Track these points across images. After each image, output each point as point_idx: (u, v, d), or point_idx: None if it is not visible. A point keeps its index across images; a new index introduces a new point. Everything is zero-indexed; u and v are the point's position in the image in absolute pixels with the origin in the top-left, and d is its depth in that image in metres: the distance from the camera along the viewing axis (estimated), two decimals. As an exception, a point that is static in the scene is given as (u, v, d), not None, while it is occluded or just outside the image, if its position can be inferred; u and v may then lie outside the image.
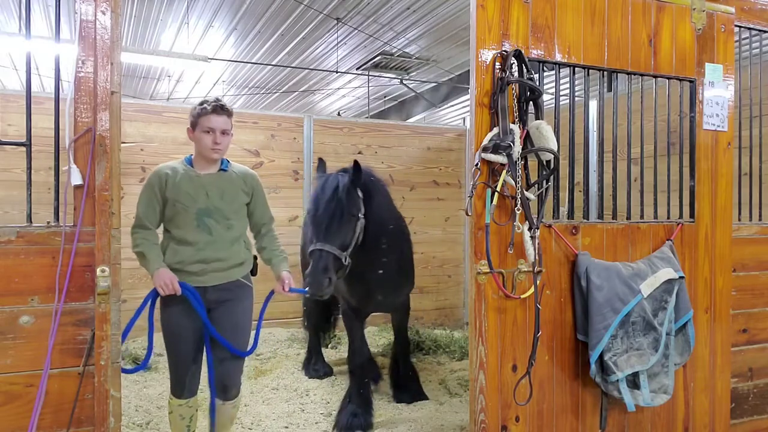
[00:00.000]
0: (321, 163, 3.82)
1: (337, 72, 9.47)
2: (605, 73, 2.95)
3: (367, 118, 11.68)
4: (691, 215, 3.12)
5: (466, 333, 6.23)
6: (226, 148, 2.87)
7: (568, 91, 3.00)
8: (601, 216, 3.42)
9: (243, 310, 2.97)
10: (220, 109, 2.82)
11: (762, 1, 3.36)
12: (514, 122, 2.61)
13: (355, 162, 3.45)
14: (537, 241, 2.60)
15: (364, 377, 3.99)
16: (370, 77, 10.17)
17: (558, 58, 2.79)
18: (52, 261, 2.13)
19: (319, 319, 5.27)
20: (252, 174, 3.06)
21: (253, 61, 9.36)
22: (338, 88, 11.30)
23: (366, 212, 3.48)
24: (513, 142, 2.51)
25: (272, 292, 3.06)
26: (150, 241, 2.82)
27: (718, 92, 3.16)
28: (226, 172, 2.95)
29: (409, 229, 4.45)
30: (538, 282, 2.61)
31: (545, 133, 2.58)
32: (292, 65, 9.42)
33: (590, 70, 2.91)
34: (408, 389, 4.41)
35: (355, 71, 9.85)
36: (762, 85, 3.81)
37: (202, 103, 2.85)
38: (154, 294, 2.79)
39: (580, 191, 3.21)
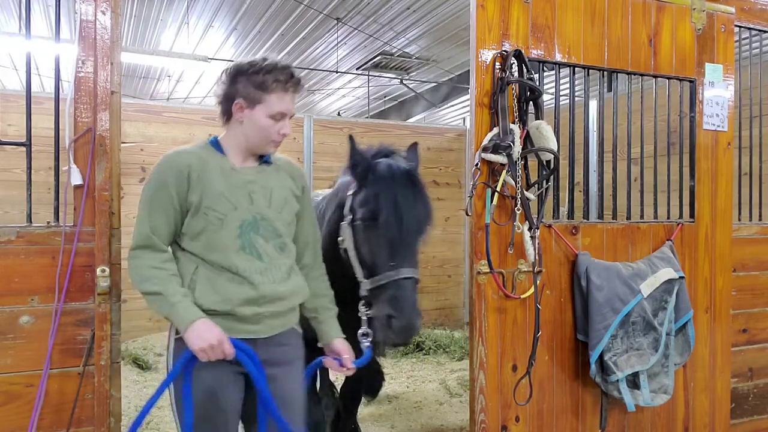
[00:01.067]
0: (353, 142, 2.34)
1: (337, 72, 9.47)
2: (605, 73, 2.95)
3: (367, 118, 11.68)
4: (691, 215, 3.12)
5: (466, 333, 6.23)
6: None
7: (568, 91, 3.00)
8: (601, 216, 3.42)
9: (300, 374, 2.07)
10: (300, 86, 1.98)
11: (762, 1, 3.36)
12: (514, 122, 2.61)
13: (415, 144, 2.52)
14: (537, 241, 2.60)
15: None
16: (370, 77, 10.16)
17: (558, 58, 2.79)
18: (52, 261, 2.13)
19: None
20: (299, 168, 2.17)
21: (253, 61, 9.35)
22: (338, 88, 11.30)
23: None
24: (513, 142, 2.51)
25: (318, 362, 2.14)
26: (168, 272, 1.85)
27: (718, 92, 3.16)
28: (270, 164, 2.04)
29: None
30: (538, 282, 2.61)
31: (545, 133, 2.58)
32: (292, 65, 9.41)
33: (590, 70, 2.91)
34: None
35: (355, 71, 9.84)
36: (762, 85, 3.81)
37: (271, 70, 1.89)
38: (190, 358, 1.80)
39: (580, 191, 3.21)
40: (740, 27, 3.29)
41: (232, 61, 9.20)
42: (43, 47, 6.18)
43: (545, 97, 2.74)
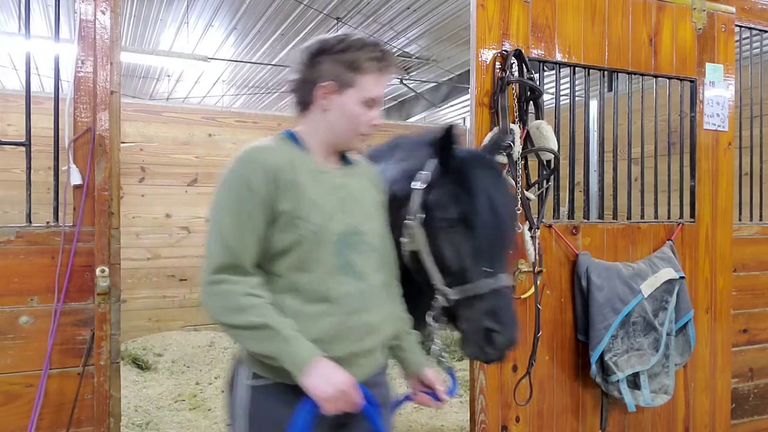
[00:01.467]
0: (453, 132, 1.88)
1: (337, 72, 9.45)
2: (606, 72, 2.95)
3: (367, 117, 11.66)
4: (692, 215, 3.12)
5: (466, 333, 6.23)
6: None
7: (568, 90, 3.00)
8: (601, 216, 3.41)
9: (391, 419, 1.75)
10: (393, 68, 1.68)
11: (762, 0, 3.36)
12: (514, 122, 2.60)
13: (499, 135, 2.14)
14: (537, 241, 2.60)
15: None
16: (370, 77, 10.15)
17: (558, 57, 2.79)
18: (52, 261, 2.12)
19: None
20: (377, 172, 1.87)
21: (253, 60, 9.35)
22: (338, 88, 11.29)
23: None
24: (513, 141, 2.51)
25: (406, 399, 1.83)
26: (265, 301, 1.48)
27: (719, 92, 3.16)
28: (353, 165, 1.73)
29: None
30: (538, 282, 2.61)
31: (545, 132, 2.58)
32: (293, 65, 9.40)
33: (590, 70, 2.90)
34: None
35: (355, 71, 9.83)
36: (762, 85, 3.81)
37: (362, 47, 1.58)
38: (312, 410, 1.43)
39: (580, 191, 3.21)
40: (741, 27, 3.29)
41: (232, 60, 9.15)
42: (43, 47, 6.18)
43: (545, 96, 2.73)
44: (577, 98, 3.03)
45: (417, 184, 1.85)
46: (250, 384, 1.54)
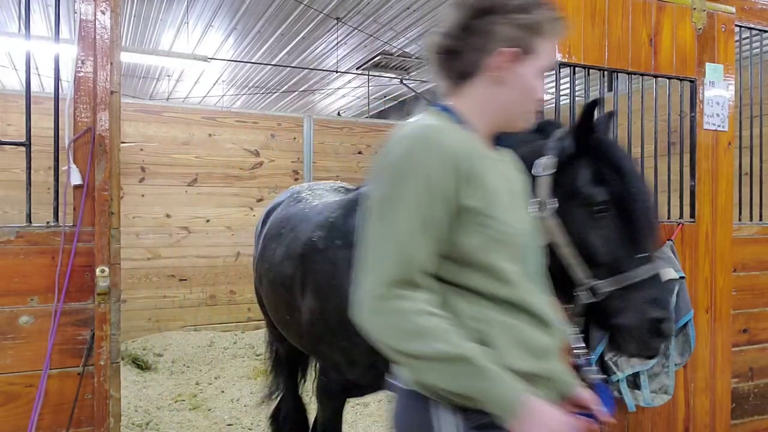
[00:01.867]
0: (596, 109, 1.77)
1: (337, 72, 9.47)
2: (605, 72, 2.95)
3: (367, 118, 11.68)
4: (692, 215, 3.12)
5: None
6: None
7: (568, 90, 3.00)
8: (601, 216, 3.41)
9: None
10: None
11: (762, 0, 3.36)
12: (514, 122, 2.60)
13: (611, 114, 2.03)
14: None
15: None
16: (370, 77, 10.16)
17: (558, 57, 2.79)
18: (52, 261, 2.12)
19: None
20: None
21: (253, 61, 9.36)
22: (338, 88, 11.30)
23: None
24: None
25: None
26: (448, 322, 1.19)
27: (719, 92, 3.16)
28: (501, 151, 1.44)
29: None
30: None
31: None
32: (292, 65, 9.42)
33: (590, 70, 2.90)
34: None
35: (355, 71, 9.84)
36: (762, 85, 3.81)
37: (540, 5, 1.31)
38: None
39: (580, 191, 3.20)
40: (741, 27, 3.29)
41: (232, 60, 9.15)
42: (43, 47, 6.19)
43: (545, 97, 2.73)
44: (577, 98, 3.03)
45: (540, 170, 1.65)
46: (469, 426, 1.22)
